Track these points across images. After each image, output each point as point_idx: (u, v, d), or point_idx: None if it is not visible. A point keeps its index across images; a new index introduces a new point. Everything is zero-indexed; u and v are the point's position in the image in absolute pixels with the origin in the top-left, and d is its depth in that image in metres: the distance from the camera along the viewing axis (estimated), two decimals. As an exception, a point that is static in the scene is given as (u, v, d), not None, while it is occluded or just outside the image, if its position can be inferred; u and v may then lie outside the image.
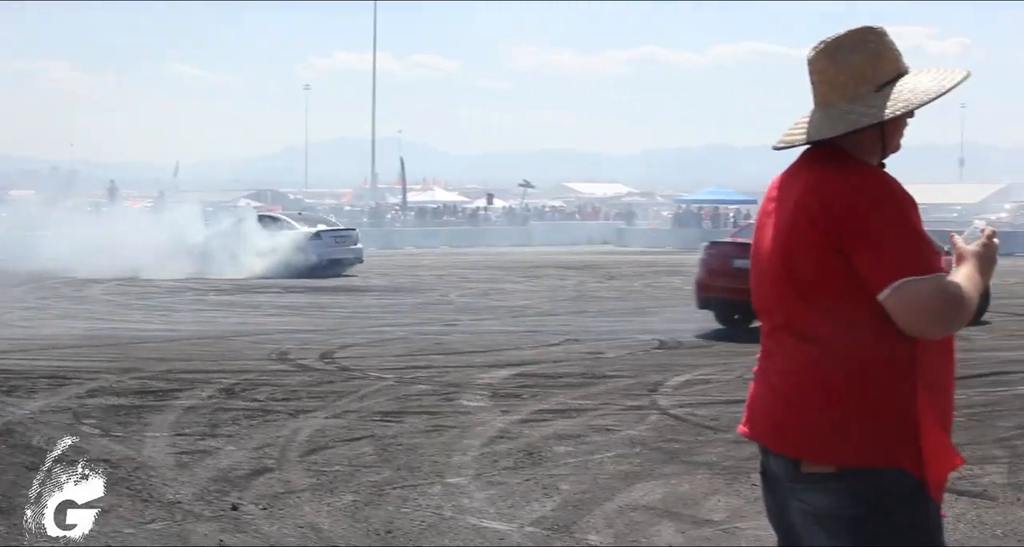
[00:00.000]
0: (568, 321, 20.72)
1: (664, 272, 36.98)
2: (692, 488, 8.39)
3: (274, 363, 14.79)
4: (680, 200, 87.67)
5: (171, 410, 11.24)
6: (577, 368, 14.33)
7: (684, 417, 11.02)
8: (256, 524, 7.45)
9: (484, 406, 11.61)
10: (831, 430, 3.28)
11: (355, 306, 24.32)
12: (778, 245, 3.41)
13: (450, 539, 7.16)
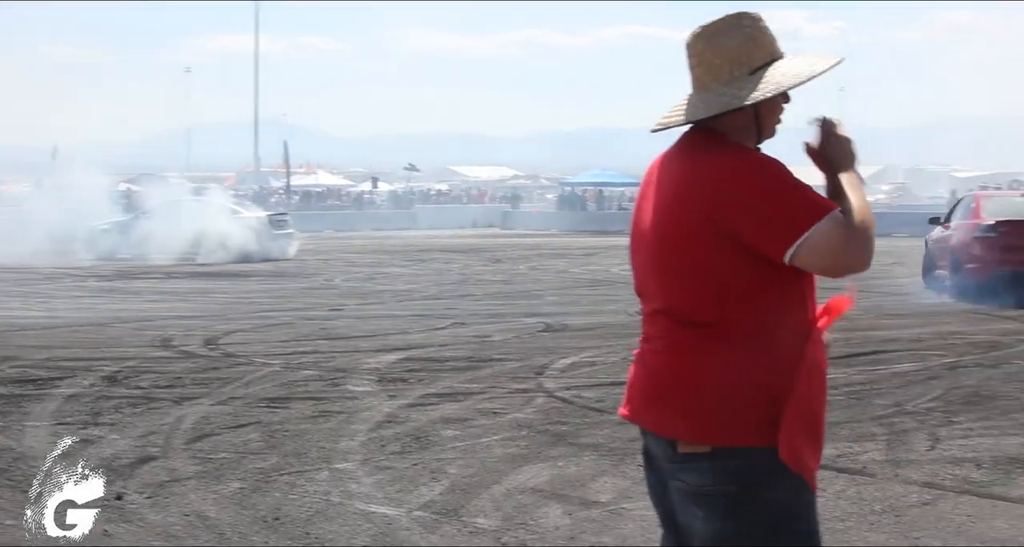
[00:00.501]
0: (454, 305, 20.74)
1: (549, 255, 37.16)
2: (579, 470, 8.45)
3: (157, 350, 14.66)
4: (565, 182, 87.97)
5: (52, 399, 11.10)
6: (464, 352, 14.37)
7: (570, 399, 11.09)
8: (141, 513, 7.40)
9: (371, 391, 11.60)
10: (705, 411, 3.34)
11: (239, 291, 24.17)
12: (659, 230, 3.45)
13: (338, 524, 7.15)
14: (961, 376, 12.23)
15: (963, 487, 7.94)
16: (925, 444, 9.15)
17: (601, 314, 18.79)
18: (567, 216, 67.03)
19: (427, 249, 39.91)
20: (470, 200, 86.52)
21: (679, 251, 3.38)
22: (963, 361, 13.25)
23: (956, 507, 7.46)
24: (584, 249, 40.39)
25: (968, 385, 11.70)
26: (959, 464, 8.55)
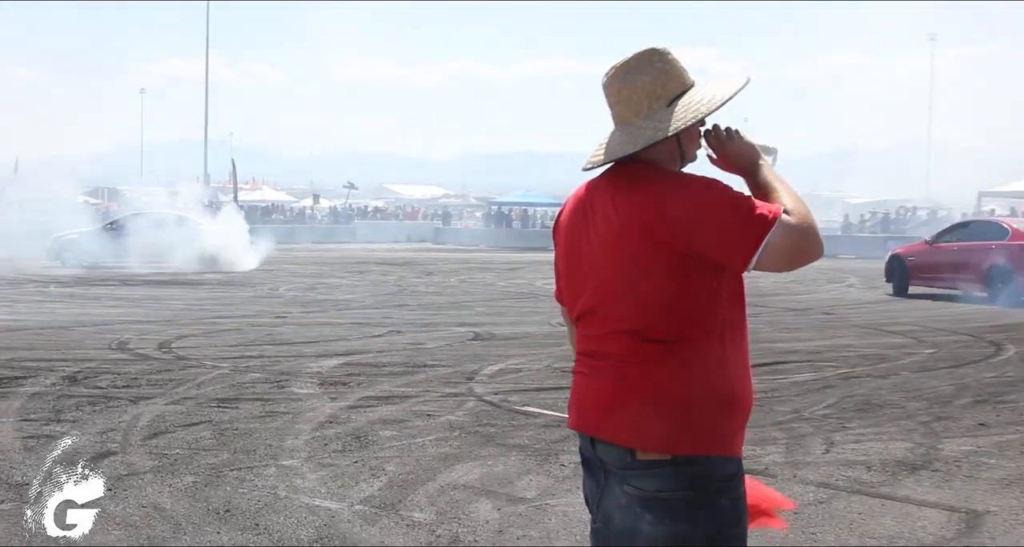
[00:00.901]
0: (390, 314, 20.65)
1: (477, 269, 37.14)
2: (506, 469, 8.49)
3: (114, 352, 14.53)
4: (492, 202, 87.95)
5: (16, 397, 11.02)
6: (399, 358, 14.34)
7: (498, 403, 11.12)
8: (102, 504, 7.35)
9: (314, 393, 11.57)
10: (666, 421, 3.32)
11: (189, 298, 23.97)
12: (616, 259, 3.42)
13: (285, 517, 7.14)
14: (854, 386, 12.37)
15: (855, 487, 8.05)
16: (821, 448, 9.27)
17: (526, 324, 18.80)
18: (494, 233, 67.07)
19: (364, 261, 39.81)
20: (404, 216, 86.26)
21: (639, 277, 3.37)
22: (855, 372, 13.40)
23: (848, 505, 7.56)
24: (509, 264, 40.40)
25: (860, 394, 11.84)
26: (851, 466, 8.66)
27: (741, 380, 3.44)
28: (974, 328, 18.68)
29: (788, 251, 3.32)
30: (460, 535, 6.83)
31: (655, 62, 3.52)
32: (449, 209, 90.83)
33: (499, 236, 64.96)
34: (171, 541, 6.63)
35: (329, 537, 6.74)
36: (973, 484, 8.20)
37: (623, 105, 3.53)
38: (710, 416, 3.35)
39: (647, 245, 3.34)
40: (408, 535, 6.81)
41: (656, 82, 3.51)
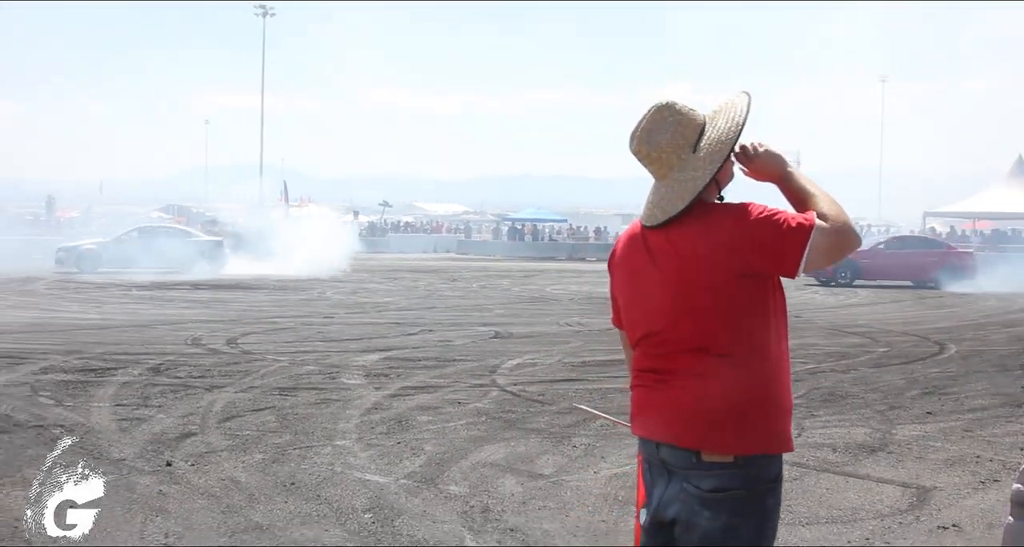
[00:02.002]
0: (422, 315, 20.67)
1: (496, 276, 37.13)
2: (527, 449, 8.58)
3: (190, 347, 14.62)
4: (506, 218, 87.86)
5: (110, 385, 11.12)
6: (432, 353, 14.39)
7: (518, 393, 11.19)
8: (187, 477, 7.48)
9: (361, 383, 11.65)
10: (731, 426, 3.28)
11: (250, 301, 24.00)
12: (676, 284, 3.37)
13: (342, 489, 7.24)
14: (820, 379, 12.42)
15: (822, 466, 8.13)
16: (793, 432, 9.33)
17: (539, 325, 18.84)
18: (509, 245, 67.01)
19: (398, 270, 39.81)
20: (431, 230, 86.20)
21: (699, 300, 3.32)
22: (821, 367, 13.45)
23: (817, 482, 7.65)
24: (524, 272, 40.38)
25: (825, 386, 11.90)
26: (819, 448, 8.74)
27: (786, 385, 3.39)
28: (921, 330, 18.72)
29: (829, 249, 3.31)
30: (490, 505, 6.92)
31: (667, 118, 3.43)
32: (470, 224, 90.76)
33: (513, 248, 64.90)
34: (247, 509, 6.74)
35: (380, 507, 6.84)
36: (922, 464, 8.29)
37: (655, 164, 3.44)
38: (765, 419, 3.31)
39: (704, 270, 3.31)
40: (446, 505, 6.91)
41: (676, 136, 3.41)
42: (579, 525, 6.55)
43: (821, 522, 6.69)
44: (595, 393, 11.21)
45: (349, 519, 6.56)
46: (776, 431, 3.35)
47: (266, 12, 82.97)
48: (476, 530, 6.39)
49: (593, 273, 38.01)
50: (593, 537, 6.34)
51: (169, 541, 6.05)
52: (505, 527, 6.46)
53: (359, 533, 6.29)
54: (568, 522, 6.61)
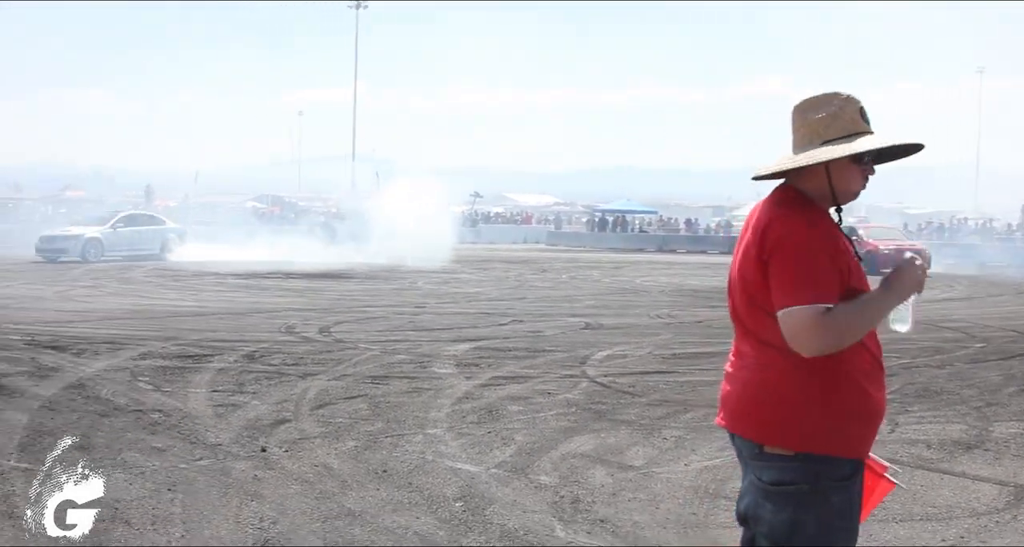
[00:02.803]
0: (512, 305, 20.72)
1: (585, 267, 37.11)
2: (617, 440, 8.56)
3: (283, 335, 14.81)
4: (596, 209, 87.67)
5: (206, 371, 11.31)
6: (522, 343, 14.40)
7: (608, 384, 11.16)
8: (281, 463, 7.57)
9: (451, 373, 11.69)
10: (791, 421, 3.29)
11: (342, 290, 24.22)
12: (740, 263, 3.44)
13: (433, 477, 7.29)
14: (914, 375, 12.23)
15: (917, 463, 8.01)
16: (887, 428, 9.20)
17: (629, 316, 18.78)
18: (598, 236, 66.92)
19: (489, 260, 39.94)
20: (521, 221, 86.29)
21: (755, 287, 3.35)
22: (915, 362, 13.23)
23: (912, 479, 7.53)
24: (613, 263, 40.31)
25: (919, 382, 11.71)
26: (914, 444, 8.61)
27: (859, 386, 3.32)
28: (1020, 325, 18.33)
29: (789, 331, 3.21)
30: (580, 496, 6.92)
31: (833, 103, 3.42)
32: (560, 215, 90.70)
33: (603, 239, 64.80)
34: (340, 495, 6.81)
35: (471, 495, 6.86)
36: (1020, 462, 8.11)
37: (795, 135, 3.49)
38: (827, 419, 3.29)
39: (758, 260, 3.32)
40: (536, 495, 6.92)
41: (824, 121, 3.40)
42: (669, 517, 6.52)
43: (915, 519, 6.59)
44: (685, 386, 11.16)
45: (440, 507, 6.60)
46: (840, 433, 3.30)
47: (359, 5, 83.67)
48: (566, 520, 6.39)
49: (683, 265, 37.85)
50: (683, 529, 6.31)
51: (264, 525, 6.14)
52: (595, 518, 6.46)
53: (450, 521, 6.33)
54: (658, 514, 6.59)
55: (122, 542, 5.78)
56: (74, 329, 14.84)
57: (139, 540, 5.83)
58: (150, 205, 63.67)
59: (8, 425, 8.40)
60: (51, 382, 10.32)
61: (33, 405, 9.20)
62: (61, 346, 12.75)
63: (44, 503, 5.48)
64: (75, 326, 15.27)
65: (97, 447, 7.80)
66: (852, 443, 3.33)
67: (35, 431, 8.22)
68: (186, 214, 52.79)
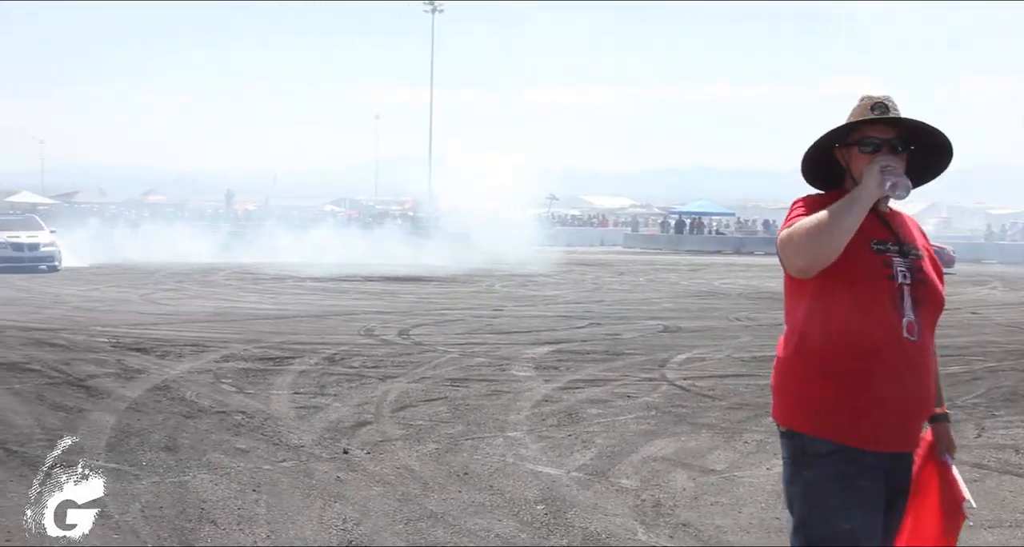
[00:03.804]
0: (590, 308, 20.69)
1: (662, 269, 36.95)
2: (698, 444, 8.52)
3: (363, 338, 14.92)
4: (673, 211, 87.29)
5: (288, 373, 11.42)
6: (600, 346, 14.38)
7: (687, 387, 11.11)
8: (363, 465, 7.63)
9: (530, 376, 11.70)
10: (779, 399, 3.65)
11: (420, 293, 24.34)
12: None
13: (514, 480, 7.30)
14: (1000, 378, 12.04)
15: (1005, 468, 7.88)
16: (973, 432, 9.08)
17: (708, 319, 18.66)
18: (675, 239, 66.56)
19: (566, 263, 39.78)
20: (597, 224, 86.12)
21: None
22: (1001, 366, 13.03)
23: (1000, 484, 7.42)
24: (690, 265, 40.07)
25: (1006, 386, 11.53)
26: (1001, 449, 8.48)
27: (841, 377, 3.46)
28: (1109, 328, 17.98)
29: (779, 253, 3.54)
30: (661, 500, 6.90)
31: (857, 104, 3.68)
32: (636, 217, 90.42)
33: (680, 241, 64.45)
34: (422, 497, 6.85)
35: (552, 498, 6.87)
36: (1112, 468, 7.97)
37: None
38: (810, 401, 3.51)
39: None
40: (617, 498, 6.91)
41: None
42: (752, 522, 6.49)
43: (1004, 526, 6.49)
44: (766, 389, 11.02)
45: (522, 510, 6.62)
46: (820, 415, 3.50)
47: (435, 8, 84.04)
48: (648, 524, 6.38)
49: (761, 267, 37.53)
50: (766, 534, 6.27)
51: (347, 527, 6.19)
52: (677, 522, 6.43)
53: (531, 524, 6.34)
54: (741, 518, 6.55)
55: (208, 542, 5.88)
56: (158, 331, 15.08)
57: (225, 540, 5.91)
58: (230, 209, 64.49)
59: (96, 426, 8.56)
60: (137, 384, 10.50)
61: (120, 406, 9.36)
62: (146, 348, 12.97)
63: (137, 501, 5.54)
64: (159, 328, 15.51)
65: (183, 448, 7.93)
66: (834, 427, 3.48)
67: (122, 432, 8.37)
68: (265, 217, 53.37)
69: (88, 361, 11.84)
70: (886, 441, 3.49)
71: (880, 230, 3.57)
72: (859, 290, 3.45)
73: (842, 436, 3.45)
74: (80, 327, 15.41)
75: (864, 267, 3.47)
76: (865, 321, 3.44)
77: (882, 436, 3.48)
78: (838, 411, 3.45)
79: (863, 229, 3.40)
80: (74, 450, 7.66)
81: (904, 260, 3.56)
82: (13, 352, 12.40)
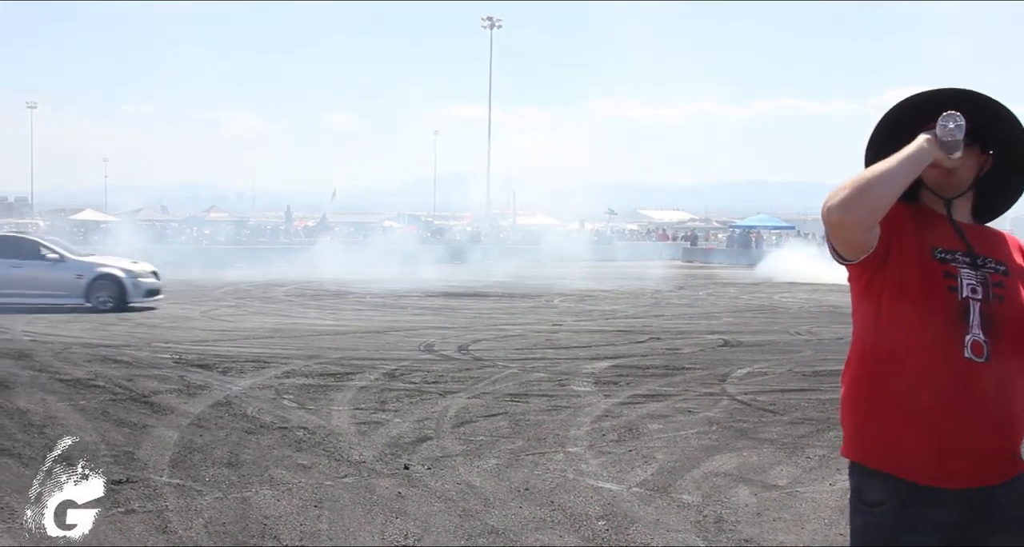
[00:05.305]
0: (649, 323, 20.63)
1: (722, 284, 36.79)
2: (760, 459, 8.46)
3: (423, 353, 14.96)
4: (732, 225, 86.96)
5: (348, 389, 11.47)
6: (660, 361, 14.31)
7: (748, 402, 11.04)
8: (424, 481, 7.65)
9: (590, 391, 11.68)
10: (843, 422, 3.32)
11: (480, 308, 24.40)
12: None
13: (575, 496, 7.29)
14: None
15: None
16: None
17: (768, 333, 18.54)
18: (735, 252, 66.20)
19: (624, 277, 39.67)
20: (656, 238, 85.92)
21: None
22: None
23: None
24: (750, 279, 39.83)
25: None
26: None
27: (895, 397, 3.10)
28: None
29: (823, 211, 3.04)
30: (723, 515, 6.85)
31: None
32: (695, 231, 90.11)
33: (739, 255, 64.08)
34: (483, 513, 6.85)
35: (613, 514, 6.84)
36: None
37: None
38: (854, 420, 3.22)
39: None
40: (679, 514, 6.87)
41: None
42: (815, 538, 6.43)
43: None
44: (828, 403, 10.97)
45: (583, 526, 6.60)
46: (859, 432, 3.21)
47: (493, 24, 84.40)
48: (710, 540, 6.33)
49: (821, 282, 37.23)
50: (831, 551, 6.21)
51: (409, 542, 6.21)
52: (740, 538, 6.39)
53: (593, 540, 6.32)
54: (804, 535, 6.49)
55: (272, 557, 5.91)
56: (220, 348, 15.21)
57: (288, 555, 5.95)
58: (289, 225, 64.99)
59: (160, 441, 8.64)
60: (199, 400, 10.59)
61: (183, 422, 9.45)
62: (208, 364, 13.08)
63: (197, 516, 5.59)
64: (221, 345, 15.65)
65: (245, 464, 7.99)
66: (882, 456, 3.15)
67: (185, 448, 8.45)
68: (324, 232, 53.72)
69: (151, 377, 11.97)
70: (942, 476, 3.06)
71: (949, 238, 3.19)
72: (909, 301, 3.10)
73: (892, 466, 3.10)
74: (143, 344, 15.58)
75: (919, 276, 3.11)
76: (911, 336, 3.09)
77: (933, 468, 3.06)
78: (880, 434, 3.13)
79: (927, 234, 3.16)
80: (137, 466, 7.75)
81: (975, 273, 3.14)
82: (78, 368, 12.56)
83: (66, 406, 10.10)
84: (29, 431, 8.92)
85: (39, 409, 9.86)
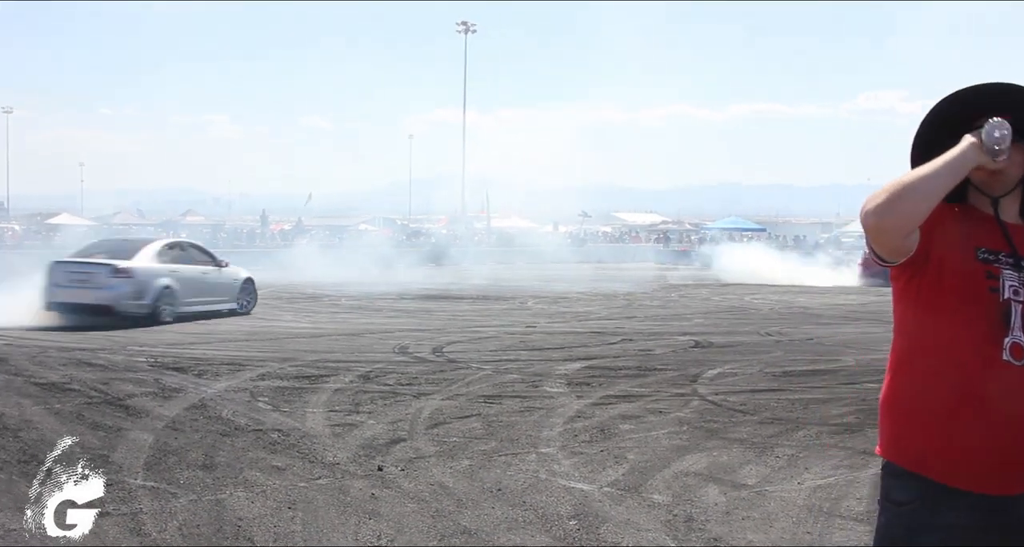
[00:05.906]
0: (622, 325, 20.66)
1: (693, 286, 36.87)
2: (729, 459, 8.50)
3: (397, 355, 14.94)
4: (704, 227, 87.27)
5: (323, 391, 11.46)
6: (632, 362, 14.34)
7: (719, 403, 11.08)
8: (398, 482, 7.66)
9: (563, 392, 11.70)
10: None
11: (454, 310, 24.39)
12: None
13: (547, 496, 7.31)
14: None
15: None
16: None
17: (739, 334, 18.60)
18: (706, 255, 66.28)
19: (598, 279, 39.72)
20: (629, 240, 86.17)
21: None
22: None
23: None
24: (721, 281, 39.90)
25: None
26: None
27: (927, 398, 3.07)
28: None
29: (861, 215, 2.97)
30: (693, 515, 6.89)
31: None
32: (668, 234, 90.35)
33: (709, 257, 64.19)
34: (456, 514, 6.86)
35: (584, 514, 6.87)
36: None
37: None
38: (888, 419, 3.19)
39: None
40: (649, 514, 6.90)
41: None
42: (783, 537, 6.47)
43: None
44: (797, 404, 11.03)
45: (554, 526, 6.62)
46: (893, 436, 3.17)
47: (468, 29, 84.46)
48: (680, 539, 6.37)
49: (792, 283, 37.39)
50: (798, 549, 6.25)
51: (382, 542, 6.22)
52: (709, 537, 6.42)
53: (564, 540, 6.34)
54: (772, 533, 6.53)
55: (246, 559, 5.91)
56: (195, 351, 15.16)
57: (262, 557, 5.95)
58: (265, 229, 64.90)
59: (134, 444, 8.61)
60: (174, 403, 10.56)
61: (158, 425, 9.42)
62: (183, 367, 13.03)
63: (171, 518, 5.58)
64: (196, 348, 15.60)
65: (219, 466, 7.97)
66: (912, 454, 3.11)
67: (160, 450, 8.43)
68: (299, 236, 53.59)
69: (127, 380, 11.91)
70: (972, 479, 3.01)
71: (993, 238, 3.10)
72: (949, 301, 3.04)
73: (923, 466, 3.05)
74: (119, 347, 15.51)
75: (960, 275, 3.05)
76: (949, 336, 3.04)
77: (964, 471, 3.01)
78: (913, 434, 3.09)
79: (971, 234, 3.09)
80: (112, 469, 7.73)
81: (1018, 274, 3.06)
82: (53, 372, 12.50)
83: (41, 410, 10.04)
84: (3, 434, 8.87)
85: (14, 413, 9.80)
